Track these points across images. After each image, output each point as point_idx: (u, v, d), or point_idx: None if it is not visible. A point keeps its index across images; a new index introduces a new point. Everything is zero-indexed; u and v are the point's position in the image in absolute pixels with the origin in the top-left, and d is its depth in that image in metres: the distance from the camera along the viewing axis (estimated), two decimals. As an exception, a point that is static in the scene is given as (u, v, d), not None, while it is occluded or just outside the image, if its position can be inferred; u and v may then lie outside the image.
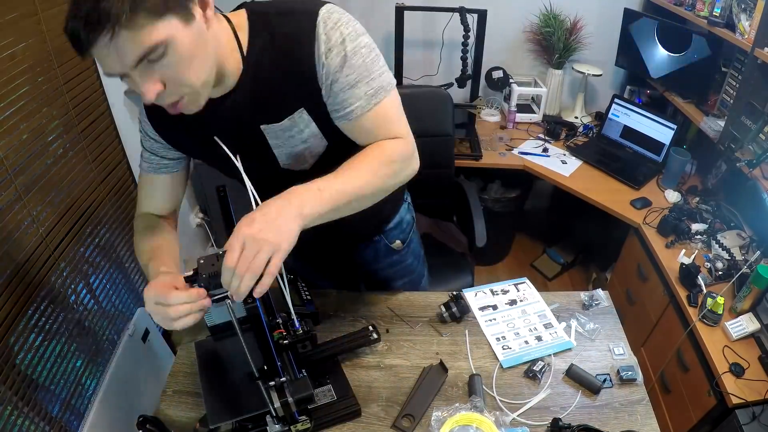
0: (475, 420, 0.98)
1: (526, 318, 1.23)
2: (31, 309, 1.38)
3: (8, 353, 1.28)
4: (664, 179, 2.12)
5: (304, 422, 0.96)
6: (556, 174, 2.20)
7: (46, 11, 1.45)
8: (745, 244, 1.74)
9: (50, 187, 1.50)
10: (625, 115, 2.28)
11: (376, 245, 1.29)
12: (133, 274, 1.96)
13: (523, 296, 1.29)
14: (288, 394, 0.88)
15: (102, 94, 1.76)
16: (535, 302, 1.27)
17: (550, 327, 1.20)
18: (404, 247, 1.33)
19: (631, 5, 2.37)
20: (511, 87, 2.50)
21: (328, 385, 1.04)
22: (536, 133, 2.49)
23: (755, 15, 1.56)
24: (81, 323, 1.61)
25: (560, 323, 1.21)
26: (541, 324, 1.21)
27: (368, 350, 1.16)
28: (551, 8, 2.43)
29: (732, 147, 1.73)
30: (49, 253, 1.47)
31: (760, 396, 1.31)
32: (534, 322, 1.22)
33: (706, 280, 1.62)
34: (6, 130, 1.32)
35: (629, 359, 1.14)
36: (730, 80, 1.90)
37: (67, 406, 1.49)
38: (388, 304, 1.29)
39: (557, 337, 1.18)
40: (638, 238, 1.94)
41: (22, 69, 1.37)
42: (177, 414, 1.05)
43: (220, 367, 1.05)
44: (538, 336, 1.18)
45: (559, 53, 2.48)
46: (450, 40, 2.47)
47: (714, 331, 1.49)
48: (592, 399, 1.06)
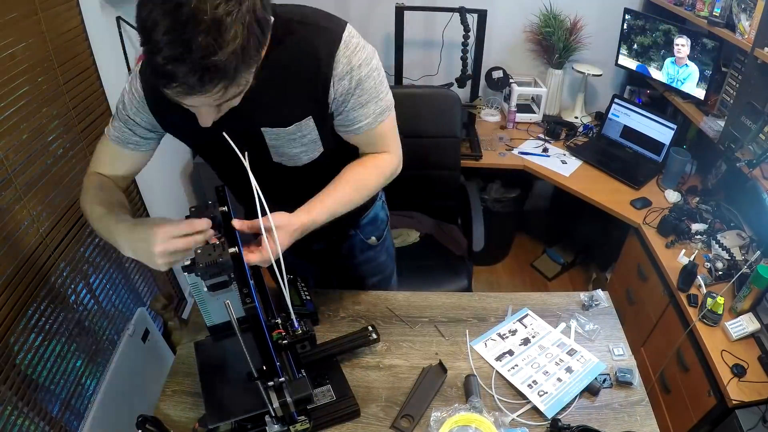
0: (474, 420, 0.98)
1: (547, 353, 1.15)
2: (31, 309, 1.38)
3: (8, 353, 1.28)
4: (664, 179, 2.12)
5: (303, 422, 0.96)
6: (556, 174, 2.20)
7: (46, 11, 1.45)
8: (745, 244, 1.74)
9: (50, 187, 1.50)
10: (625, 115, 2.28)
11: (351, 240, 1.30)
12: (133, 274, 1.97)
13: (533, 331, 1.22)
14: (287, 394, 0.88)
15: (102, 94, 1.76)
16: (547, 333, 1.21)
17: (574, 353, 1.15)
18: (379, 244, 1.35)
19: (631, 5, 2.37)
20: (511, 87, 2.49)
21: (327, 385, 1.04)
22: (536, 133, 2.49)
23: (755, 15, 1.56)
24: (81, 323, 1.61)
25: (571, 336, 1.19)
26: (564, 353, 1.15)
27: (367, 350, 1.16)
28: (551, 8, 2.43)
29: (732, 147, 1.73)
30: (49, 253, 1.47)
31: (761, 396, 1.31)
32: (557, 354, 1.15)
33: (706, 280, 1.62)
34: (6, 130, 1.32)
35: (629, 360, 1.14)
36: (730, 80, 1.90)
37: (67, 406, 1.49)
38: (388, 304, 1.29)
39: (586, 361, 1.12)
40: (638, 238, 1.94)
41: (22, 69, 1.37)
42: (176, 414, 1.05)
43: (220, 367, 1.05)
44: (567, 367, 1.11)
45: (559, 53, 2.48)
46: (450, 40, 2.47)
47: (714, 331, 1.49)
48: (592, 400, 1.06)
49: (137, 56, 1.94)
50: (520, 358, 1.15)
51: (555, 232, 2.90)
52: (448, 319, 1.25)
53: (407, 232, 2.07)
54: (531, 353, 1.16)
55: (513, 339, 1.20)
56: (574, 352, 1.15)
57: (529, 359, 1.15)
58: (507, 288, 2.62)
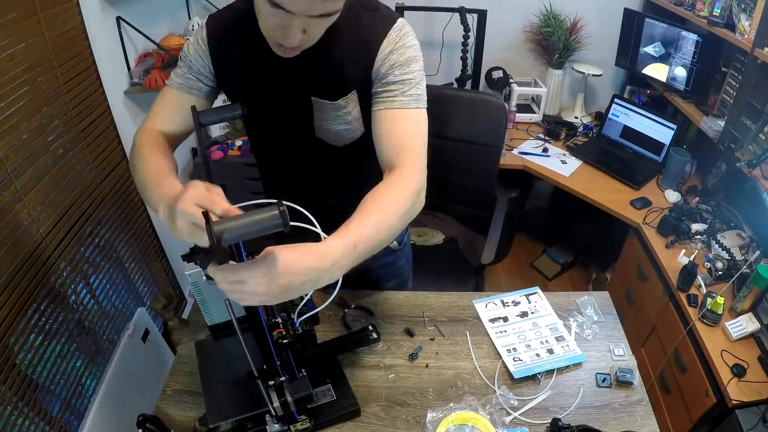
0: (471, 419, 0.98)
1: (537, 331, 1.20)
2: (31, 309, 1.38)
3: (8, 353, 1.28)
4: (664, 179, 2.12)
5: (303, 422, 0.96)
6: (556, 174, 2.20)
7: (46, 11, 1.45)
8: (745, 244, 1.74)
9: (50, 187, 1.50)
10: (625, 115, 2.28)
11: None
12: (133, 274, 1.96)
13: (535, 308, 1.26)
14: (287, 393, 0.88)
15: (102, 94, 1.76)
16: (546, 315, 1.24)
17: (561, 340, 1.17)
18: (399, 249, 1.35)
19: (631, 5, 2.37)
20: (511, 87, 2.50)
21: (327, 384, 1.04)
22: (536, 133, 2.49)
23: (755, 15, 1.56)
24: (81, 323, 1.61)
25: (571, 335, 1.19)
26: (553, 337, 1.18)
27: (368, 350, 1.16)
28: (551, 8, 2.43)
29: (732, 147, 1.73)
30: (49, 253, 1.47)
31: (761, 396, 1.31)
32: (545, 335, 1.19)
33: (706, 280, 1.62)
34: (6, 130, 1.32)
35: (629, 360, 1.14)
36: (730, 80, 1.90)
37: (67, 406, 1.49)
38: (388, 304, 1.29)
39: (569, 350, 1.15)
40: (638, 238, 1.94)
41: (22, 69, 1.37)
42: (177, 413, 1.05)
43: (220, 367, 1.05)
44: (549, 349, 1.15)
45: (559, 53, 2.48)
46: (450, 40, 2.47)
47: (714, 331, 1.49)
48: (592, 399, 1.06)
49: (137, 56, 1.94)
50: (511, 327, 1.22)
51: (555, 232, 2.90)
52: (448, 318, 1.25)
53: (432, 233, 2.06)
54: (523, 326, 1.22)
55: (512, 309, 1.26)
56: (562, 339, 1.18)
57: (519, 330, 1.21)
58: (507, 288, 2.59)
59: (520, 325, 1.22)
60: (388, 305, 1.28)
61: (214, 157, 2.27)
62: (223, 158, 2.30)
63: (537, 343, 1.17)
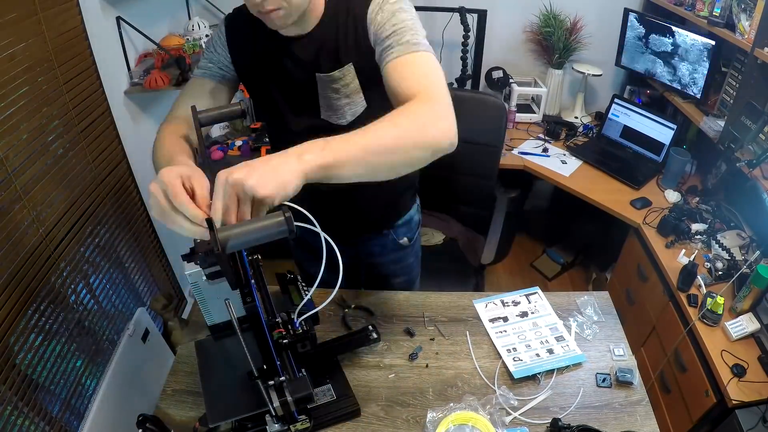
0: (471, 419, 0.98)
1: (537, 331, 1.20)
2: (31, 309, 1.38)
3: (8, 353, 1.28)
4: (664, 179, 2.12)
5: (303, 422, 0.96)
6: (556, 174, 2.20)
7: (46, 11, 1.45)
8: (745, 244, 1.74)
9: (50, 187, 1.50)
10: (625, 115, 2.28)
11: (384, 239, 1.33)
12: (133, 274, 1.96)
13: (535, 308, 1.26)
14: (287, 393, 0.88)
15: (102, 94, 1.76)
16: (546, 315, 1.24)
17: (561, 340, 1.17)
18: (409, 246, 1.37)
19: (631, 5, 2.37)
20: (511, 87, 2.50)
21: (327, 384, 1.05)
22: (536, 133, 2.49)
23: (755, 15, 1.56)
24: (81, 323, 1.61)
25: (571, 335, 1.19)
26: (553, 337, 1.18)
27: (368, 350, 1.16)
28: (551, 8, 2.43)
29: (732, 147, 1.73)
30: (49, 253, 1.47)
31: (761, 396, 1.31)
32: (545, 335, 1.19)
33: (706, 280, 1.62)
34: (6, 130, 1.32)
35: (629, 360, 1.14)
36: (730, 80, 1.90)
37: (67, 406, 1.49)
38: (388, 304, 1.29)
39: (569, 350, 1.15)
40: (638, 238, 1.94)
41: (22, 69, 1.37)
42: (177, 413, 1.05)
43: (220, 367, 1.05)
44: (549, 349, 1.15)
45: (559, 53, 2.48)
46: (450, 40, 2.47)
47: (714, 331, 1.49)
48: (592, 399, 1.06)
49: (137, 56, 1.94)
50: (511, 327, 1.22)
51: (555, 232, 2.90)
52: (448, 318, 1.25)
53: (432, 233, 2.06)
54: (523, 326, 1.22)
55: (512, 309, 1.27)
56: (562, 339, 1.18)
57: (519, 330, 1.21)
58: (507, 288, 2.59)
59: (520, 325, 1.22)
60: (388, 305, 1.28)
61: (214, 157, 2.27)
62: (223, 158, 2.30)
63: (537, 343, 1.17)
